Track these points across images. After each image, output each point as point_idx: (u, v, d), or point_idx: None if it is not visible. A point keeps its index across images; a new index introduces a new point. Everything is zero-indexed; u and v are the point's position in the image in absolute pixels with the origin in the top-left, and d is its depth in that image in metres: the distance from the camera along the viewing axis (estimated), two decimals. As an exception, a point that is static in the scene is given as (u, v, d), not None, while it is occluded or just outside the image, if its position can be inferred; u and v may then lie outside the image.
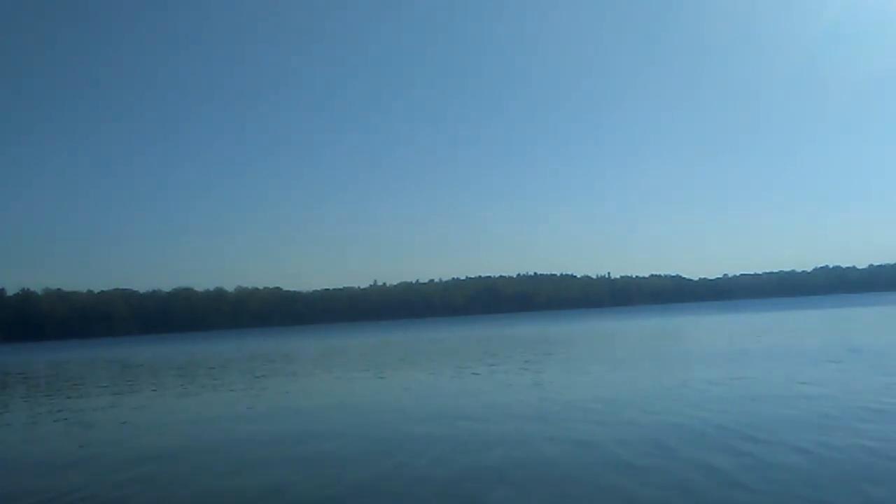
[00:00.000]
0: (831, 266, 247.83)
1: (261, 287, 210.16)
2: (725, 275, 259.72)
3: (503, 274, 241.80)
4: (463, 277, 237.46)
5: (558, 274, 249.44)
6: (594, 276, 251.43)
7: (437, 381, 21.92)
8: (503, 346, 40.38)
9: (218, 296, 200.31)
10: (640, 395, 15.89)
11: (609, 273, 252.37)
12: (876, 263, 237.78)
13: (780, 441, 9.95)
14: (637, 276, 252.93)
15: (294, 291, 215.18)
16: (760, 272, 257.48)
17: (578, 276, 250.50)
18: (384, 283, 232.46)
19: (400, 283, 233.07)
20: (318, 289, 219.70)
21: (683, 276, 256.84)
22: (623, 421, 12.57)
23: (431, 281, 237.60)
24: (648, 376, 19.62)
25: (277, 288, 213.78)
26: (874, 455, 8.85)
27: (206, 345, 72.86)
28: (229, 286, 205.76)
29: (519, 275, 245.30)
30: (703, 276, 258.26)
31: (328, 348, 50.74)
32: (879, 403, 12.57)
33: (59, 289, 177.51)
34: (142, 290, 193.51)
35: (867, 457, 8.80)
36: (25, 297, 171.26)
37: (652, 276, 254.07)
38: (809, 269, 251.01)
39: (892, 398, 13.07)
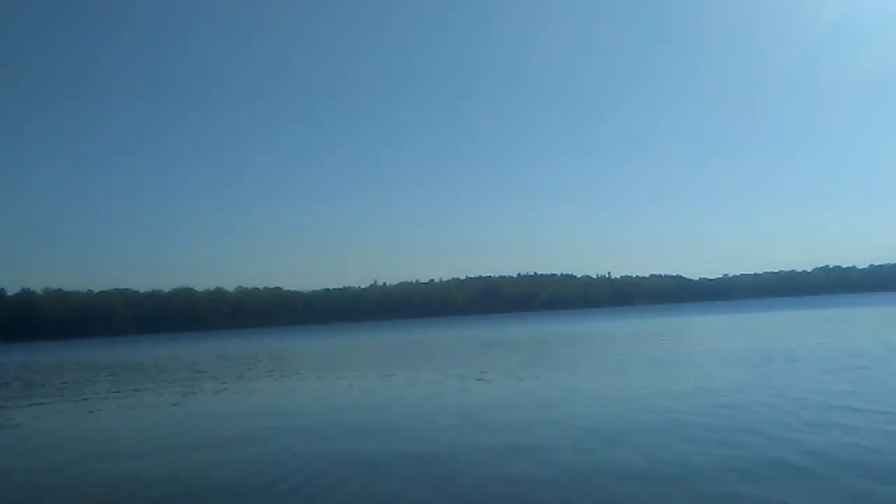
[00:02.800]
0: (831, 266, 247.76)
1: (261, 287, 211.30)
2: (725, 275, 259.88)
3: (503, 274, 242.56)
4: (463, 277, 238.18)
5: (558, 274, 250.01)
6: (594, 276, 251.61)
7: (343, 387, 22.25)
8: (467, 348, 40.72)
9: (218, 296, 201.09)
10: (536, 401, 16.11)
11: (609, 273, 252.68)
12: (876, 263, 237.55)
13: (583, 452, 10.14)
14: (637, 276, 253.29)
15: (294, 291, 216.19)
16: (760, 272, 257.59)
17: (578, 276, 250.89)
18: (384, 283, 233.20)
19: (400, 283, 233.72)
20: (318, 289, 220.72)
21: (683, 276, 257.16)
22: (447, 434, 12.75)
23: (431, 281, 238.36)
24: (566, 381, 19.98)
25: (277, 288, 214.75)
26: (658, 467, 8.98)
27: (194, 345, 73.43)
28: (229, 286, 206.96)
29: (519, 275, 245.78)
30: (703, 276, 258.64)
31: (295, 351, 51.23)
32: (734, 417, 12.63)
33: (59, 289, 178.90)
34: (142, 290, 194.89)
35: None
36: (25, 297, 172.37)
37: (652, 276, 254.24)
38: (809, 269, 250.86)
39: (758, 411, 13.10)
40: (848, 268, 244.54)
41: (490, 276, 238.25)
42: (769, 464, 8.86)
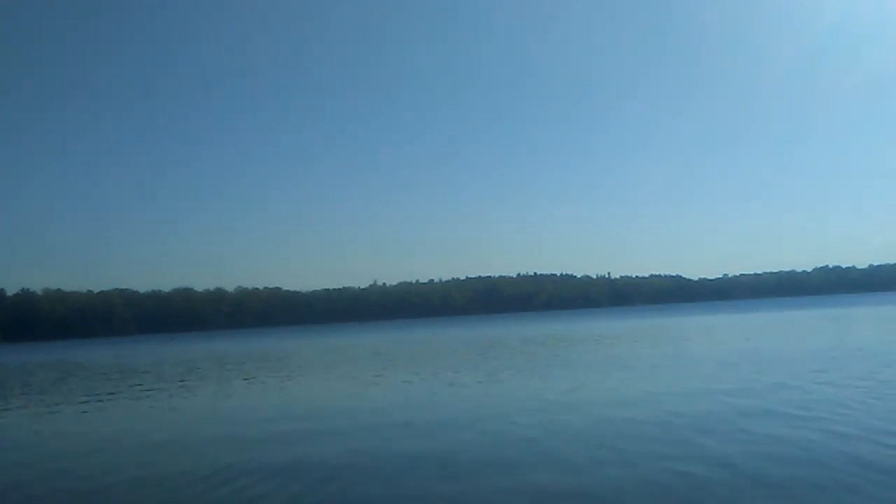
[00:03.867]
0: (831, 266, 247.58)
1: (261, 287, 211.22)
2: (725, 275, 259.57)
3: (503, 274, 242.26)
4: (463, 277, 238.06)
5: (558, 274, 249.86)
6: (594, 276, 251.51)
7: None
8: (443, 349, 40.90)
9: (218, 296, 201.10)
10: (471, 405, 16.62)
11: (609, 273, 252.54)
12: (876, 263, 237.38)
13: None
14: (637, 276, 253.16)
15: (294, 291, 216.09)
16: (760, 272, 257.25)
17: (578, 276, 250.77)
18: (384, 284, 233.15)
19: (400, 283, 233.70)
20: (318, 289, 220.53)
21: (683, 276, 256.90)
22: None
23: (431, 281, 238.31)
24: (509, 385, 20.56)
25: (277, 288, 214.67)
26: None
27: (193, 346, 73.59)
28: (229, 286, 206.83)
29: (519, 275, 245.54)
30: (703, 276, 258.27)
31: (275, 351, 51.44)
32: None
33: (59, 289, 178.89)
34: (142, 290, 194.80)
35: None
36: (25, 297, 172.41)
37: (652, 276, 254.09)
38: (809, 269, 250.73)
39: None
40: (847, 268, 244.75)
41: (490, 276, 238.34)
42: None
